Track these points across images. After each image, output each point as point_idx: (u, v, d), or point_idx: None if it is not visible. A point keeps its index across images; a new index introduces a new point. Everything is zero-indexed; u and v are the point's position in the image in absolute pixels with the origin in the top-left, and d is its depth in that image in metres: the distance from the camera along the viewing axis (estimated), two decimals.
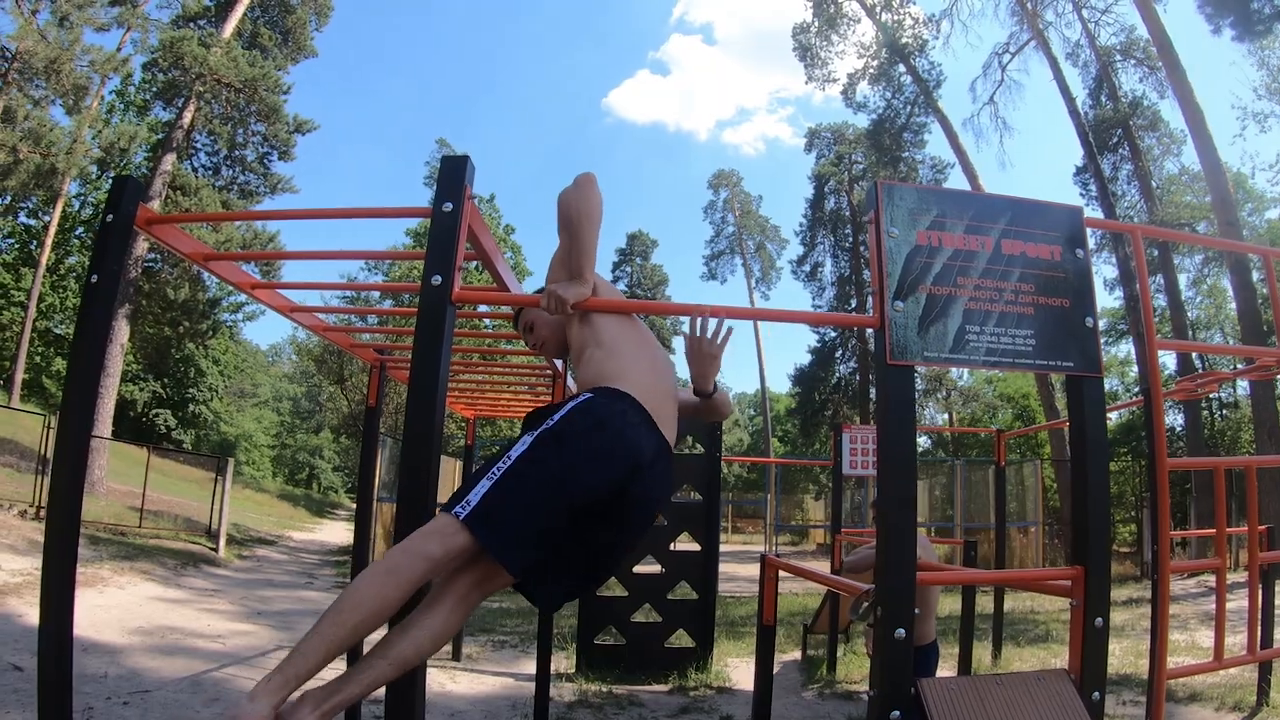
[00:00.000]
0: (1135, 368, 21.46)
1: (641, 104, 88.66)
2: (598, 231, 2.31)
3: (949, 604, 8.82)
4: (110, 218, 2.52)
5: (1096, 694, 2.34)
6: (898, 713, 2.11)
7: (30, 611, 6.56)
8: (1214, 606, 8.59)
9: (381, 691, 1.97)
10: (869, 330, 2.15)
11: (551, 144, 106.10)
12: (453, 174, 2.29)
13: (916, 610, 2.14)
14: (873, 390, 29.76)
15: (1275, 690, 5.16)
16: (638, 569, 6.95)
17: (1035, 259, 2.35)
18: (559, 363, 4.71)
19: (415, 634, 1.94)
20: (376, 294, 18.87)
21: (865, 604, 2.22)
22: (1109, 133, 21.36)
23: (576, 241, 2.28)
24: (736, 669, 6.61)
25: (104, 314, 2.52)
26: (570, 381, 5.00)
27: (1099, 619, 2.32)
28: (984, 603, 7.72)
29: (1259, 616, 2.77)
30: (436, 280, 2.19)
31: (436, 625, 1.98)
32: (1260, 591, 5.59)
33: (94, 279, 2.49)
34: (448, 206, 2.25)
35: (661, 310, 2.45)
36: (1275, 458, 11.82)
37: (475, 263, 2.95)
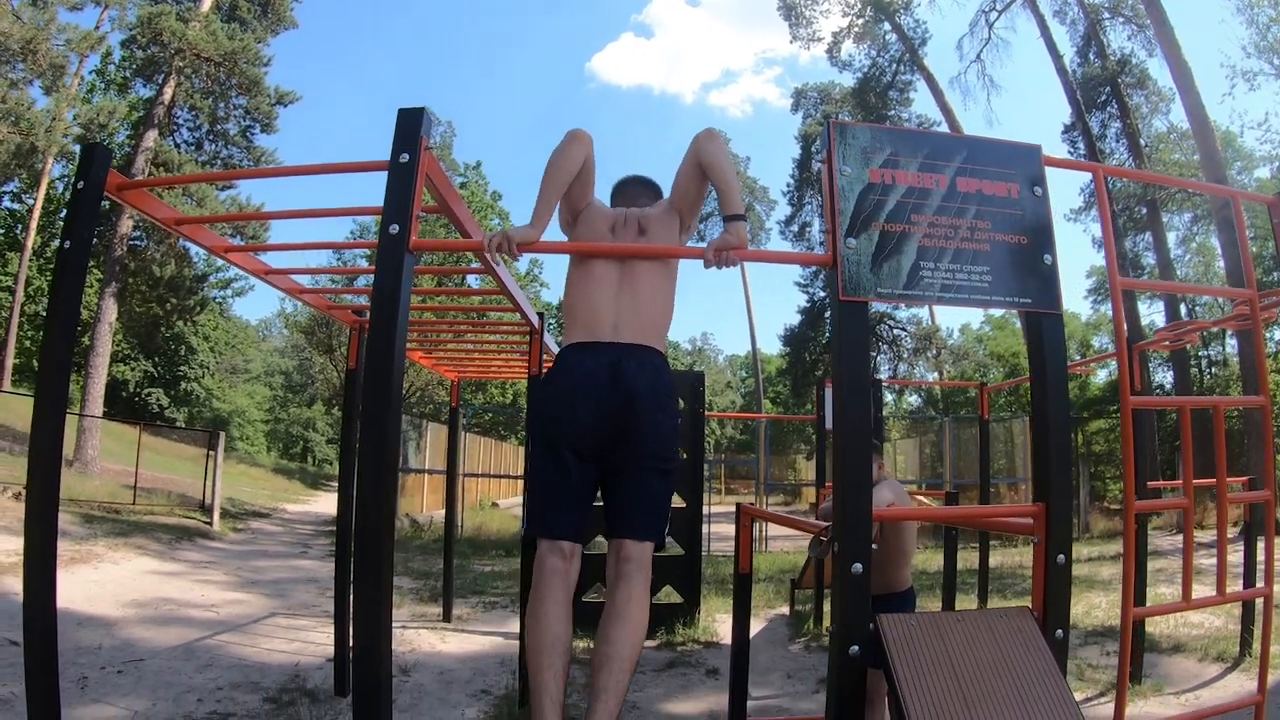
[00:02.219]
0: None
1: (626, 68, 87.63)
2: (558, 180, 2.47)
3: (936, 561, 8.91)
4: (80, 184, 2.58)
5: (1060, 631, 2.34)
6: (856, 648, 2.14)
7: None
8: (1200, 561, 8.71)
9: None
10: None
11: (537, 110, 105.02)
12: (408, 126, 2.35)
13: (875, 545, 2.16)
14: None
15: (1257, 641, 5.25)
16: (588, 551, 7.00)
17: (992, 196, 2.34)
18: (534, 317, 4.72)
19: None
20: (353, 257, 18.85)
21: (823, 541, 2.24)
22: (1097, 90, 21.28)
23: (540, 189, 2.45)
24: (724, 624, 6.69)
25: (76, 280, 2.60)
26: (547, 338, 5.07)
27: (1061, 556, 2.32)
28: (971, 559, 7.81)
29: (1226, 558, 2.79)
30: (394, 229, 2.24)
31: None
32: (1244, 539, 5.72)
33: (66, 245, 2.56)
34: (404, 158, 2.31)
35: (607, 251, 2.49)
36: (1240, 399, 11.90)
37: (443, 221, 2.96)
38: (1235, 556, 5.49)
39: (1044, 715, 2.09)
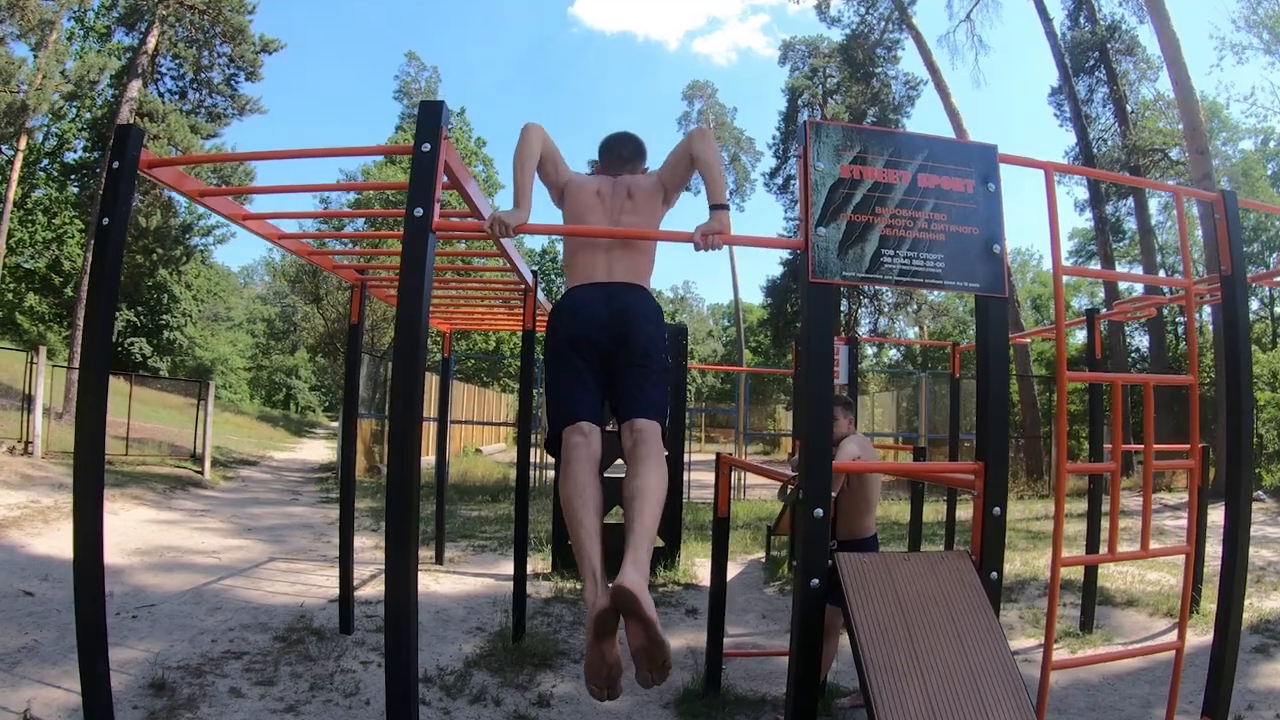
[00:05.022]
0: (1103, 289, 21.80)
1: (610, 14, 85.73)
2: (527, 169, 2.79)
3: (908, 513, 9.33)
4: (116, 164, 2.83)
5: (994, 573, 2.70)
6: (816, 580, 2.48)
7: (31, 542, 6.85)
8: (1165, 522, 9.16)
9: (379, 591, 2.38)
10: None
11: (520, 56, 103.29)
12: (430, 118, 2.65)
13: (834, 493, 2.48)
14: (845, 303, 30.23)
15: (1207, 600, 5.64)
16: (607, 474, 7.34)
17: (949, 191, 2.64)
18: (529, 276, 5.03)
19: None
20: (356, 217, 18.94)
21: (790, 489, 2.56)
22: (1086, 55, 21.33)
23: (513, 180, 2.79)
24: (703, 567, 7.06)
25: (116, 252, 2.87)
26: (540, 295, 5.41)
27: (996, 508, 2.68)
28: (942, 511, 8.19)
29: (1150, 517, 3.15)
30: (419, 212, 2.55)
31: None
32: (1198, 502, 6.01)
33: (105, 221, 2.83)
34: (426, 147, 2.61)
35: (593, 233, 2.82)
36: (1168, 377, 12.39)
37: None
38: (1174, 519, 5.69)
39: (975, 642, 2.45)
